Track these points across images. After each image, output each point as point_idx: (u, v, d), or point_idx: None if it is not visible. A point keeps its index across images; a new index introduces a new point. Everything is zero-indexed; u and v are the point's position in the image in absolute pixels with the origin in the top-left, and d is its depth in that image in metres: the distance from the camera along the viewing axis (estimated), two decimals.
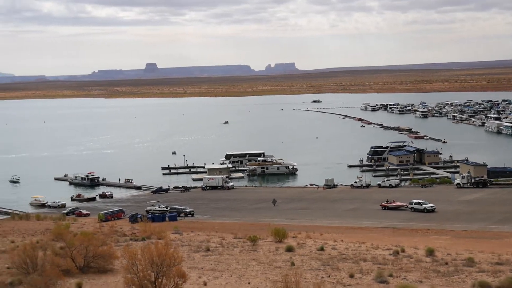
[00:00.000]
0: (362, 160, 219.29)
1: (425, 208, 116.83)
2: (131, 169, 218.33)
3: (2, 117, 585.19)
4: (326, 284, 45.90)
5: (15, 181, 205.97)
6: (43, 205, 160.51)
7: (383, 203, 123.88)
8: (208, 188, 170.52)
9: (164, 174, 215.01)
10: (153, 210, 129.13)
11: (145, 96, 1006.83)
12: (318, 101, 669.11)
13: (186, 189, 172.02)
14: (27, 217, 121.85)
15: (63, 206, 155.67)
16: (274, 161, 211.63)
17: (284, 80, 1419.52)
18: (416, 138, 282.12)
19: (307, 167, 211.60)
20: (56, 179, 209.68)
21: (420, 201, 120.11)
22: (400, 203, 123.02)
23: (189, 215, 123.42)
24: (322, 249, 63.58)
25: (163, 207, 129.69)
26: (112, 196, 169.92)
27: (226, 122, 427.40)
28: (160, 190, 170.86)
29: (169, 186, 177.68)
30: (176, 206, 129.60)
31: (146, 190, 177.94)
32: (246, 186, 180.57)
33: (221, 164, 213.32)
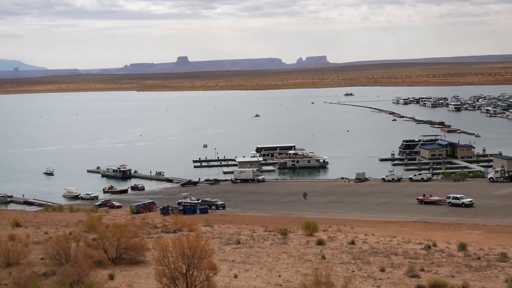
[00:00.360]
0: (393, 154, 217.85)
1: (463, 202, 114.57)
2: (162, 162, 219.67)
3: (35, 110, 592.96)
4: (356, 277, 45.76)
5: (50, 173, 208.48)
6: (76, 197, 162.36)
7: (420, 198, 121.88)
8: (238, 181, 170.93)
9: (195, 167, 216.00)
10: (184, 202, 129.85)
11: (176, 89, 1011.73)
12: (351, 94, 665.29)
13: (215, 182, 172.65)
14: (60, 209, 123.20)
15: (96, 198, 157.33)
16: (305, 154, 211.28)
17: (315, 73, 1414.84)
18: (448, 131, 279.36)
19: (338, 160, 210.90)
20: (88, 171, 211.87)
21: (458, 195, 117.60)
22: (437, 198, 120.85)
23: (220, 208, 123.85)
24: (353, 242, 63.38)
25: (195, 200, 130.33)
26: (143, 189, 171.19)
27: (257, 115, 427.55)
28: (189, 183, 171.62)
29: (199, 179, 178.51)
30: (208, 199, 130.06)
31: (177, 182, 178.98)
32: (276, 179, 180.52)
33: (252, 157, 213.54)
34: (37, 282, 37.66)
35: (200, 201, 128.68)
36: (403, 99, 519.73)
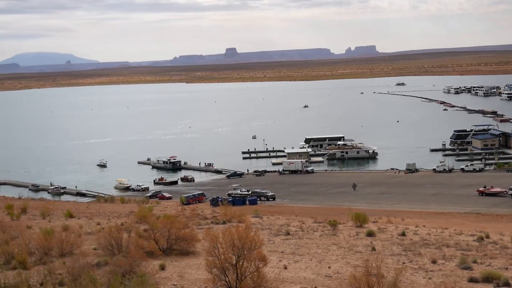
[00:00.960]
0: (444, 144, 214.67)
1: None
2: (211, 153, 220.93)
3: (87, 102, 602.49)
4: (407, 269, 45.30)
5: (103, 165, 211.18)
6: (127, 188, 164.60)
7: (480, 189, 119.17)
8: (286, 172, 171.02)
9: (244, 158, 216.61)
10: (234, 193, 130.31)
11: (225, 81, 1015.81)
12: (403, 83, 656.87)
13: (262, 173, 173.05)
14: (112, 200, 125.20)
15: (146, 189, 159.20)
16: (354, 145, 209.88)
17: (365, 63, 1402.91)
18: (501, 121, 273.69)
19: (387, 151, 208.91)
20: (139, 163, 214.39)
21: None
22: (498, 189, 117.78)
23: (270, 199, 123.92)
24: (403, 234, 62.72)
25: (245, 191, 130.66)
26: (193, 180, 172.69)
27: (305, 106, 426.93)
28: (234, 174, 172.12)
29: (247, 170, 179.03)
30: (258, 190, 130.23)
31: (226, 174, 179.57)
32: (325, 170, 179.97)
33: (300, 148, 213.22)
34: (90, 272, 38.30)
35: (250, 192, 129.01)
36: (454, 88, 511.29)
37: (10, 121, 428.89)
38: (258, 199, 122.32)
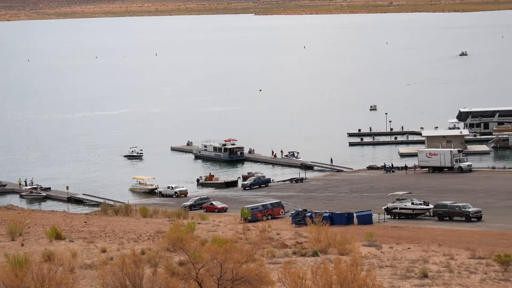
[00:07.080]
0: None
1: None
2: (297, 136, 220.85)
3: (90, 46, 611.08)
4: None
5: (136, 156, 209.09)
6: (151, 192, 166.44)
7: None
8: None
9: (351, 144, 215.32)
10: (400, 208, 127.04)
11: (321, 12, 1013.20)
12: None
13: (297, 179, 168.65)
14: (127, 211, 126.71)
15: (184, 194, 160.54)
16: None
17: None
18: None
19: None
20: (173, 149, 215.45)
21: None
22: None
23: (473, 219, 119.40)
24: None
25: (419, 203, 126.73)
26: (264, 181, 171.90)
27: (462, 54, 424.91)
28: (258, 182, 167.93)
29: (306, 176, 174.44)
30: (447, 203, 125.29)
31: (324, 169, 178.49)
32: (493, 167, 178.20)
33: (450, 128, 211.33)
34: None
35: (430, 206, 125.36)
36: None
37: None
38: (449, 217, 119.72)
